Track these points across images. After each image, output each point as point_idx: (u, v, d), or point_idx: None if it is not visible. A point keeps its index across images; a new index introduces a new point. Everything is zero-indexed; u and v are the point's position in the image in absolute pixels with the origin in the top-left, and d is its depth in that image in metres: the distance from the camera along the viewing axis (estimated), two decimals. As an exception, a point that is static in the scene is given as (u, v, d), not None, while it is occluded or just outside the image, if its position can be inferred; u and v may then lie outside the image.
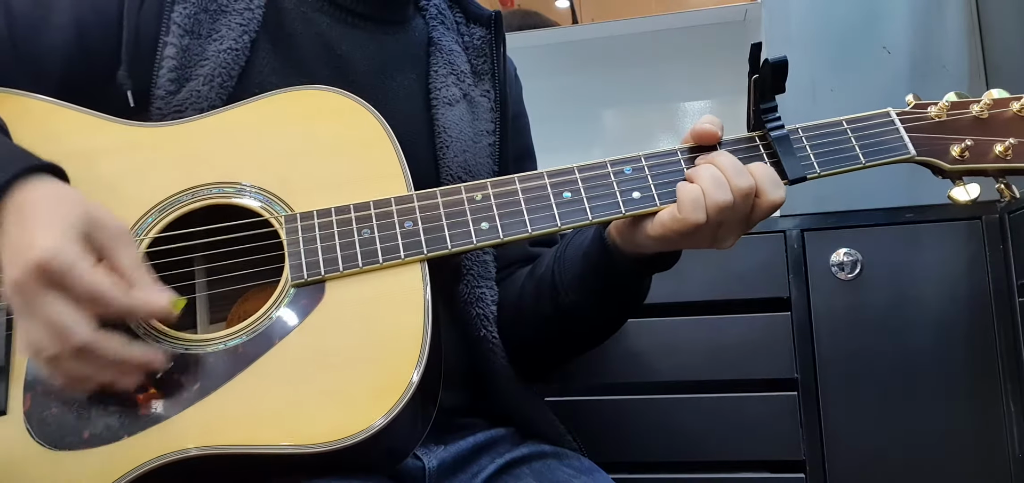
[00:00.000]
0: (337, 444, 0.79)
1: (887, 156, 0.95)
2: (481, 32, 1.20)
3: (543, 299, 1.06)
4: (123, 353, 0.78)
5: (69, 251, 0.75)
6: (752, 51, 0.94)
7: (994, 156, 0.94)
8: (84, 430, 0.81)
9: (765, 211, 0.90)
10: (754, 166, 0.90)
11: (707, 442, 1.40)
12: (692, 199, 0.88)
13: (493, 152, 1.14)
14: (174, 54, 0.96)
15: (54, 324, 0.74)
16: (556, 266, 1.05)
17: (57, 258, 0.74)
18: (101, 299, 0.76)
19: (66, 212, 0.77)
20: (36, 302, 0.74)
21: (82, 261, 0.75)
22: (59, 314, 0.74)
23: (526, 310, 1.08)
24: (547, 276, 1.06)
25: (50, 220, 0.76)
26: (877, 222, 1.42)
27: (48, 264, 0.73)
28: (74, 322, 0.75)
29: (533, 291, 1.08)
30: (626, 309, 1.09)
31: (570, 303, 1.03)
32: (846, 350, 1.40)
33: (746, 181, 0.88)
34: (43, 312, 0.74)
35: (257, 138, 0.94)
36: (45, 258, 0.73)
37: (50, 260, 0.73)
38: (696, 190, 0.88)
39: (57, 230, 0.75)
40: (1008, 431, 1.34)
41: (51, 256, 0.73)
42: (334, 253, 0.88)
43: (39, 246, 0.74)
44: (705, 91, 2.19)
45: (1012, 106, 0.95)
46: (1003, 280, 1.36)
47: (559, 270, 1.05)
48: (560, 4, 2.35)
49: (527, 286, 1.10)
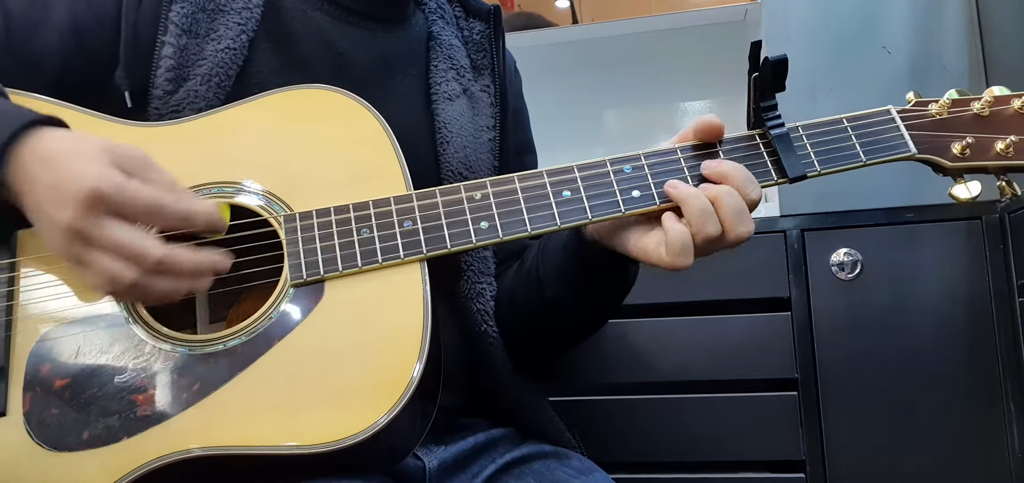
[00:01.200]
0: (337, 444, 0.79)
1: (888, 154, 0.95)
2: (480, 27, 1.19)
3: (530, 292, 1.06)
4: (197, 258, 0.79)
5: (115, 175, 0.75)
6: (752, 49, 0.94)
7: (995, 153, 0.94)
8: (84, 431, 0.81)
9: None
10: (726, 169, 0.90)
11: (707, 442, 1.40)
12: (682, 244, 0.87)
13: (493, 147, 1.14)
14: (172, 54, 0.96)
15: (125, 248, 0.74)
16: (539, 259, 1.05)
17: (107, 182, 0.74)
18: (160, 210, 0.76)
19: (90, 147, 0.77)
20: (99, 235, 0.74)
21: (129, 180, 0.75)
22: (128, 237, 0.74)
23: (516, 304, 1.08)
24: (532, 270, 1.06)
25: (82, 154, 0.76)
26: (877, 222, 1.42)
27: (99, 191, 0.73)
28: (144, 240, 0.75)
29: (521, 285, 1.08)
30: (610, 298, 1.08)
31: (553, 296, 1.03)
32: (846, 350, 1.40)
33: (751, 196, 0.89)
34: (110, 241, 0.74)
35: (256, 137, 0.94)
36: (95, 185, 0.73)
37: (100, 186, 0.73)
38: (685, 235, 0.87)
39: (93, 160, 0.75)
40: (1008, 431, 1.34)
41: (100, 182, 0.73)
42: (333, 253, 0.87)
43: (84, 176, 0.73)
44: (705, 91, 2.19)
45: (1013, 103, 0.95)
46: (1003, 280, 1.36)
47: (542, 263, 1.05)
48: (560, 4, 2.34)
49: (516, 280, 1.10)
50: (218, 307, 0.95)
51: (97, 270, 0.76)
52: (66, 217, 0.74)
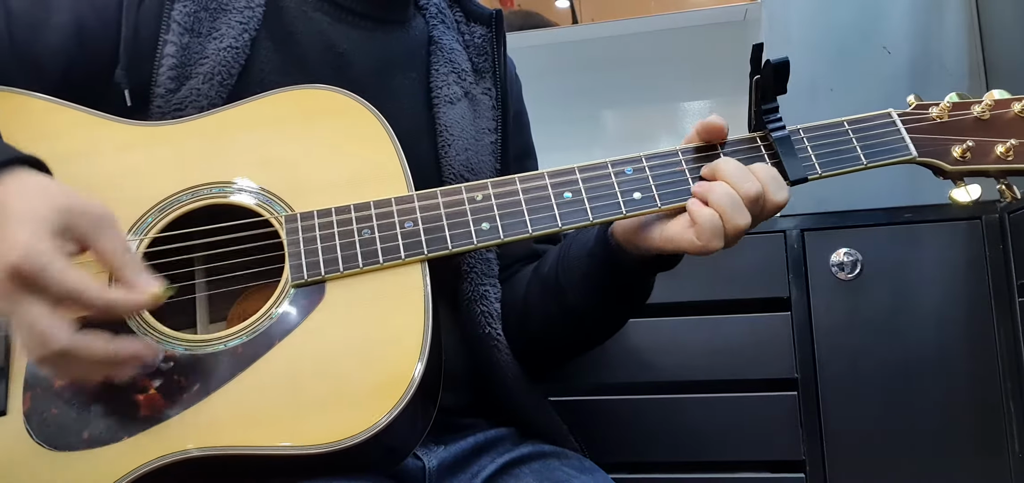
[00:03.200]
0: (338, 445, 0.79)
1: (889, 157, 0.95)
2: (482, 30, 1.20)
3: (548, 299, 1.06)
4: (109, 350, 0.76)
5: (41, 250, 0.72)
6: (754, 52, 0.94)
7: (995, 157, 0.94)
8: (84, 431, 0.81)
9: (769, 213, 0.91)
10: (757, 168, 0.90)
11: (707, 442, 1.40)
12: (712, 227, 0.87)
13: (495, 149, 1.14)
14: (174, 52, 0.96)
15: (33, 329, 0.72)
16: (560, 266, 1.05)
17: (28, 259, 0.71)
18: (79, 298, 0.73)
19: (39, 206, 0.74)
20: (15, 307, 0.72)
21: (56, 260, 0.72)
22: (37, 319, 0.72)
23: (532, 309, 1.08)
24: (552, 276, 1.06)
25: (22, 217, 0.73)
26: (877, 222, 1.42)
27: (19, 266, 0.71)
28: (51, 327, 0.72)
29: (538, 290, 1.08)
30: (631, 307, 1.09)
31: (575, 302, 1.03)
32: (846, 350, 1.40)
33: (755, 187, 0.88)
34: (23, 317, 0.72)
35: (257, 138, 0.94)
36: (17, 260, 0.71)
37: (21, 262, 0.71)
38: (715, 218, 0.87)
39: (28, 228, 0.72)
40: (1008, 431, 1.34)
41: (22, 258, 0.71)
42: (334, 253, 0.87)
43: (12, 246, 0.71)
44: (705, 91, 2.18)
45: (1013, 107, 0.95)
46: (1003, 280, 1.36)
47: (564, 270, 1.04)
48: (560, 4, 2.34)
49: (532, 285, 1.10)
50: (218, 307, 0.95)
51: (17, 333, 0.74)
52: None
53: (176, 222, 0.89)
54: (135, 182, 0.90)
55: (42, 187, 0.77)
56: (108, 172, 0.90)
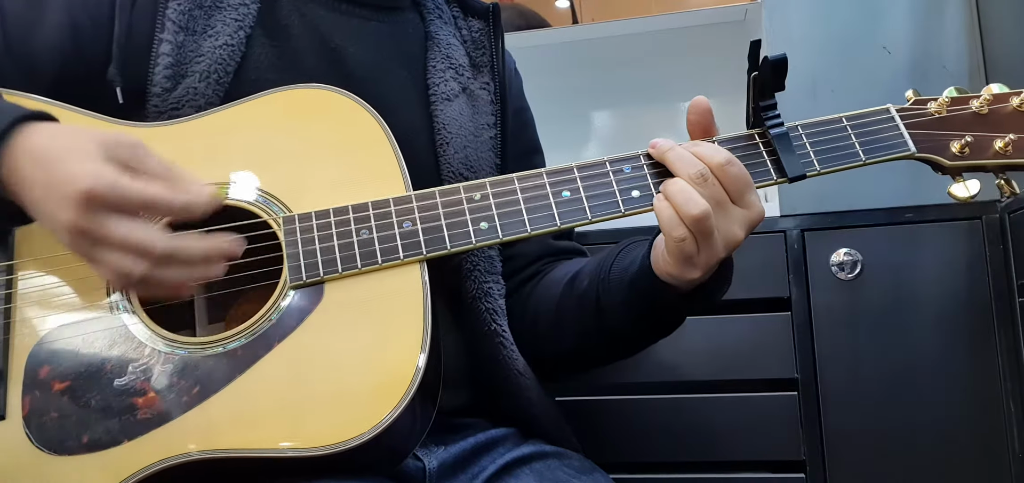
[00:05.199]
0: (338, 446, 0.79)
1: (887, 153, 0.94)
2: (479, 24, 1.19)
3: (586, 316, 1.04)
4: (205, 245, 0.79)
5: (106, 171, 0.74)
6: (752, 48, 0.94)
7: (994, 152, 0.93)
8: (83, 435, 0.81)
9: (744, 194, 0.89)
10: (703, 149, 0.89)
11: (707, 442, 1.40)
12: (668, 218, 0.87)
13: (495, 145, 1.13)
14: (169, 50, 0.96)
15: (129, 244, 0.74)
16: (601, 288, 1.02)
17: (100, 181, 0.73)
18: (155, 203, 0.75)
19: (81, 140, 0.76)
20: (101, 232, 0.74)
21: (122, 175, 0.74)
22: (129, 233, 0.74)
23: (566, 322, 1.06)
24: (591, 295, 1.03)
25: (69, 154, 0.75)
26: (877, 222, 1.42)
27: (93, 190, 0.72)
28: (147, 234, 0.74)
29: (575, 306, 1.05)
30: (669, 330, 1.05)
31: (614, 325, 1.01)
32: (846, 350, 1.40)
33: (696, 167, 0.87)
34: (113, 237, 0.74)
35: (255, 138, 0.93)
36: (88, 185, 0.72)
37: (94, 186, 0.72)
38: (668, 209, 0.87)
39: (80, 159, 0.74)
40: (1008, 431, 1.34)
41: (93, 181, 0.73)
42: (333, 254, 0.87)
43: (77, 177, 0.73)
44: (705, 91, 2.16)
45: (1012, 101, 0.94)
46: (1003, 280, 1.36)
47: (605, 292, 1.01)
48: (560, 4, 2.34)
49: (568, 300, 1.07)
50: (217, 309, 0.95)
51: (106, 266, 0.76)
52: (67, 218, 0.74)
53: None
54: (133, 183, 0.90)
55: (71, 129, 0.80)
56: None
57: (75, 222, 0.74)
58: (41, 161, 0.76)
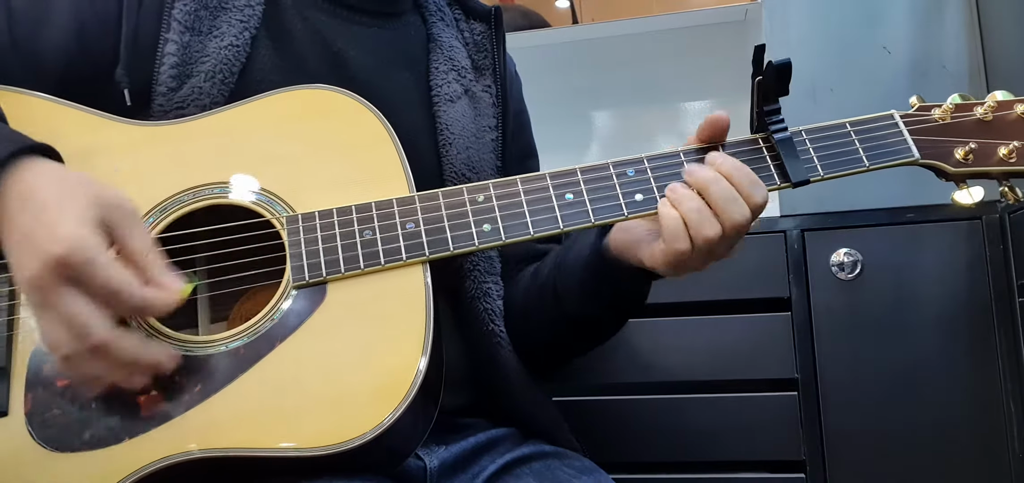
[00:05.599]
0: (340, 446, 0.79)
1: (891, 159, 0.94)
2: (481, 27, 1.19)
3: (546, 305, 1.06)
4: (139, 352, 0.77)
5: (90, 243, 0.72)
6: (756, 53, 0.94)
7: (998, 159, 0.93)
8: (85, 432, 0.81)
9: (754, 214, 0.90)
10: (729, 168, 0.90)
11: (707, 442, 1.40)
12: (672, 228, 0.88)
13: (496, 147, 1.14)
14: (175, 51, 0.96)
15: (73, 322, 0.72)
16: (557, 274, 1.05)
17: (78, 252, 0.71)
18: (119, 296, 0.74)
19: (79, 196, 0.74)
20: (55, 298, 0.72)
21: (102, 254, 0.73)
22: (79, 312, 0.72)
23: (531, 314, 1.09)
24: (549, 283, 1.06)
25: (61, 208, 0.73)
26: (878, 222, 1.42)
27: (68, 259, 0.71)
28: (93, 320, 0.72)
29: (537, 296, 1.08)
30: (628, 313, 1.10)
31: (572, 311, 1.04)
32: (846, 350, 1.40)
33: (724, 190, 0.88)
34: (62, 309, 0.72)
35: (259, 138, 0.93)
36: (65, 252, 0.71)
37: (70, 255, 0.71)
38: (677, 220, 0.88)
39: (71, 220, 0.72)
40: (1008, 431, 1.34)
41: (71, 250, 0.71)
42: (336, 254, 0.87)
43: (57, 238, 0.71)
44: (705, 91, 2.18)
45: (1016, 108, 0.94)
46: (1003, 280, 1.36)
47: (560, 278, 1.05)
48: (560, 4, 2.34)
49: (531, 290, 1.10)
50: (219, 308, 0.95)
51: (44, 328, 0.74)
52: (30, 271, 0.72)
53: (177, 222, 0.89)
54: (136, 182, 0.90)
55: (71, 176, 0.78)
56: (109, 172, 0.90)
57: (38, 278, 0.72)
58: (29, 204, 0.74)
